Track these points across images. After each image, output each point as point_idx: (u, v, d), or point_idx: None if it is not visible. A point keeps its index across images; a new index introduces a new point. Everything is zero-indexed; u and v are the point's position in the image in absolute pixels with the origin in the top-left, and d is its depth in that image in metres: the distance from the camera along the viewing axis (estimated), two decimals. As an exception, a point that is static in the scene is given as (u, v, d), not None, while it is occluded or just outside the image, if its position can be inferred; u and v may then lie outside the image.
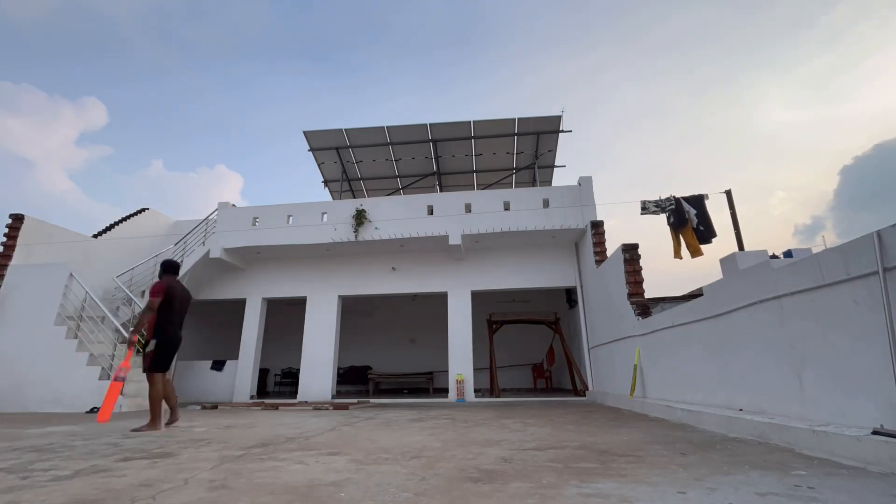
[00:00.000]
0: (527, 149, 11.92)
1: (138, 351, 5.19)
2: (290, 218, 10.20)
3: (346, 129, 11.47)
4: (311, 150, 12.07)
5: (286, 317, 12.30)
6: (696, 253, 8.04)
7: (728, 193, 8.77)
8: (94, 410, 6.91)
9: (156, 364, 4.49)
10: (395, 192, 13.10)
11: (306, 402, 8.95)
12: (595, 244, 8.69)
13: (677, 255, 8.20)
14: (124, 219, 11.27)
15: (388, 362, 13.74)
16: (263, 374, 12.62)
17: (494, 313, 10.60)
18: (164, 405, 4.54)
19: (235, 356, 10.15)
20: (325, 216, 10.08)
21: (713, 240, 8.15)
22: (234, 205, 10.60)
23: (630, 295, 6.62)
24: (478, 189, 12.78)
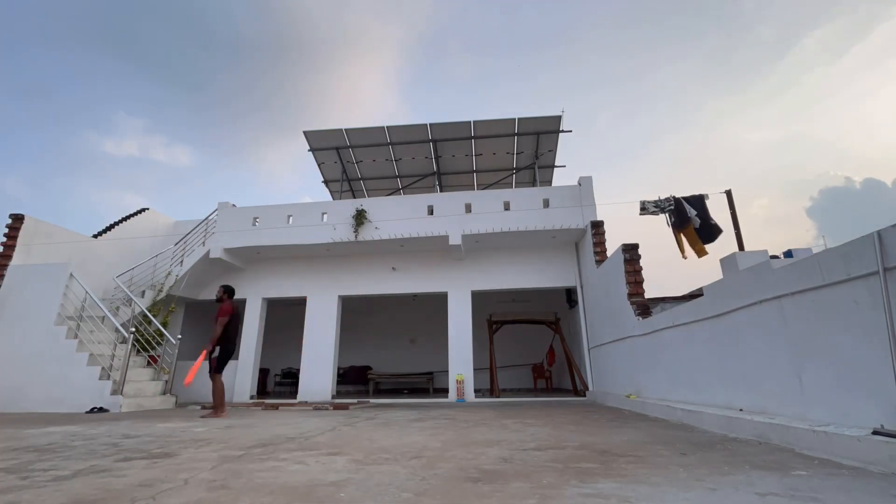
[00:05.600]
0: (527, 149, 11.91)
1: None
2: (290, 218, 10.19)
3: (345, 129, 11.48)
4: (311, 150, 12.07)
5: (286, 317, 12.30)
6: (701, 253, 8.10)
7: (728, 193, 8.78)
8: (94, 411, 6.91)
9: (219, 368, 5.92)
10: (395, 192, 13.10)
11: (306, 402, 8.94)
12: (595, 244, 8.69)
13: (683, 254, 8.25)
14: (124, 219, 11.27)
15: (388, 362, 13.74)
16: (263, 374, 12.60)
17: (494, 313, 10.59)
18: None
19: (235, 356, 10.14)
20: (325, 216, 10.08)
21: (719, 236, 8.18)
22: (233, 205, 10.61)
23: (630, 295, 6.62)
24: (478, 189, 12.77)
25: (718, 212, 8.87)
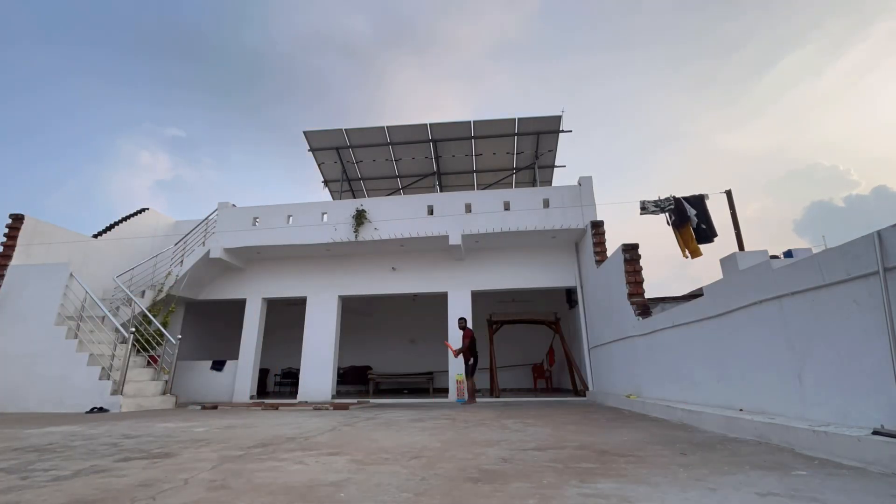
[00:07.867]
0: (527, 149, 11.91)
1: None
2: (290, 218, 10.19)
3: (346, 129, 11.46)
4: (311, 150, 12.05)
5: (286, 317, 12.30)
6: (695, 254, 8.11)
7: (728, 193, 8.77)
8: (94, 411, 6.91)
9: (472, 372, 8.46)
10: (395, 192, 13.09)
11: (306, 402, 8.94)
12: (595, 244, 8.68)
13: (685, 254, 8.26)
14: (124, 219, 11.26)
15: (388, 362, 13.74)
16: (263, 374, 12.61)
17: (494, 313, 10.59)
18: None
19: (235, 356, 10.14)
20: (325, 216, 10.08)
21: (714, 239, 8.19)
22: (234, 205, 10.61)
23: (630, 295, 6.62)
24: (478, 189, 12.76)
25: (718, 212, 8.87)
